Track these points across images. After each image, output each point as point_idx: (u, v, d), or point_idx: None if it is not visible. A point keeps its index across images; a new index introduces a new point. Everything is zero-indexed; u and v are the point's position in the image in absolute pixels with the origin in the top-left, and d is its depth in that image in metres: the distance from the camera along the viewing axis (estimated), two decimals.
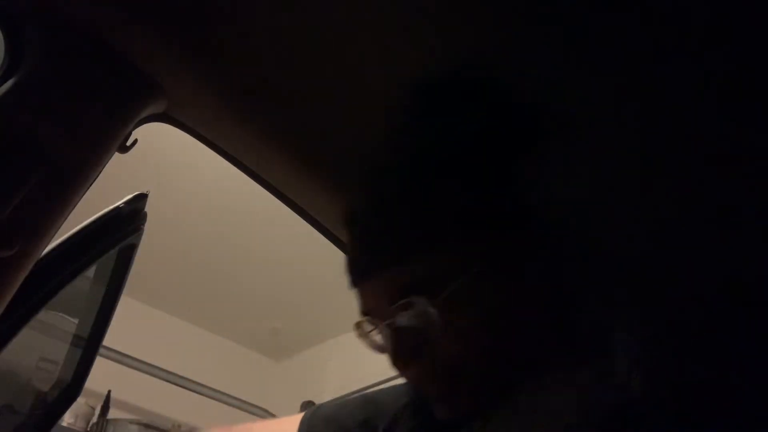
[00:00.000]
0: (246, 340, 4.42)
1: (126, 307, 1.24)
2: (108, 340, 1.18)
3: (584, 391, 0.53)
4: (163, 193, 2.87)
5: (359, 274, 0.61)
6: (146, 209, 0.96)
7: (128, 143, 0.72)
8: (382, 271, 0.58)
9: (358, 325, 0.62)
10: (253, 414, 3.82)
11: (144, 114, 0.71)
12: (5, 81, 0.62)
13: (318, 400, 3.69)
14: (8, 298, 0.61)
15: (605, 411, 0.51)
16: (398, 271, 0.57)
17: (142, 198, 0.94)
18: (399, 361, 0.58)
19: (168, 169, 2.91)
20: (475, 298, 0.56)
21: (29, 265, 0.63)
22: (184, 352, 4.01)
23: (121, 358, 3.35)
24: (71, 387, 1.08)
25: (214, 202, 3.11)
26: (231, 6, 0.60)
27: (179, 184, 3.02)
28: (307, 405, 3.61)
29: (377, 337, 0.61)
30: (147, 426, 3.27)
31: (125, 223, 0.93)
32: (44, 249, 0.65)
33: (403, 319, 0.57)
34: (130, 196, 0.93)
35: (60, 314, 1.08)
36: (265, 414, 3.78)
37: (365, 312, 0.61)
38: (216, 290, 3.87)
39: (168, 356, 3.71)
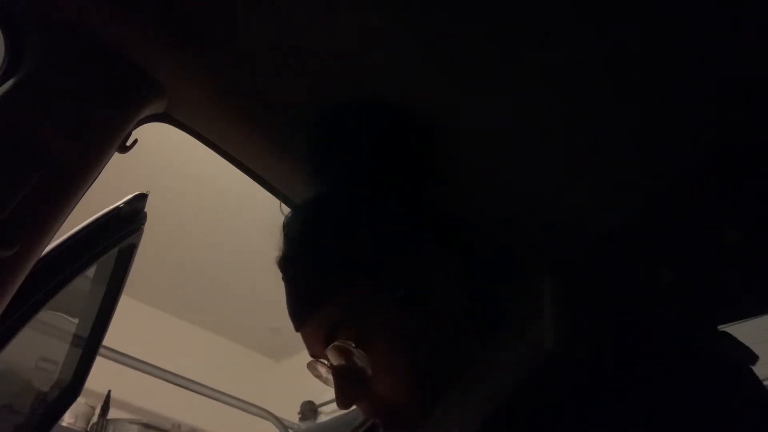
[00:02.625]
0: (246, 340, 4.43)
1: (126, 307, 1.24)
2: (108, 340, 1.18)
3: (512, 362, 0.58)
4: (163, 193, 2.87)
5: (295, 320, 0.64)
6: (146, 209, 0.96)
7: (128, 143, 0.72)
8: (313, 315, 0.61)
9: (310, 367, 0.65)
10: (253, 414, 3.82)
11: (144, 114, 0.71)
12: (5, 81, 0.62)
13: (318, 400, 3.69)
14: (8, 298, 0.61)
15: (528, 369, 0.56)
16: (327, 313, 0.60)
17: (142, 198, 0.94)
18: (341, 400, 0.61)
19: (168, 169, 2.91)
20: (398, 330, 0.59)
21: (29, 265, 0.62)
22: (184, 352, 4.01)
23: (121, 358, 3.35)
24: (71, 387, 1.08)
25: (214, 202, 3.11)
26: (231, 7, 0.60)
27: (179, 184, 3.02)
28: (307, 405, 3.61)
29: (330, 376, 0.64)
30: (147, 426, 3.28)
31: (125, 223, 0.93)
32: (44, 249, 0.65)
33: (337, 360, 0.60)
34: (130, 196, 0.94)
35: (60, 314, 1.08)
36: (265, 414, 3.77)
37: (312, 355, 0.64)
38: (216, 290, 3.87)
39: (168, 356, 3.71)
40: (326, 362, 0.61)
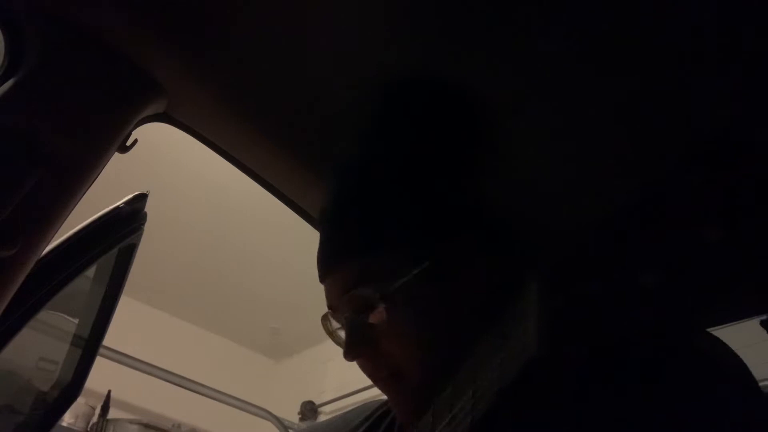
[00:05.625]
0: (246, 340, 4.43)
1: (126, 307, 1.24)
2: (108, 340, 1.18)
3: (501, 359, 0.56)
4: (163, 193, 2.87)
5: (322, 268, 0.65)
6: (146, 209, 0.96)
7: (128, 143, 0.72)
8: (339, 265, 0.62)
9: (324, 320, 0.65)
10: (253, 414, 3.82)
11: (144, 114, 0.71)
12: (5, 81, 0.62)
13: (318, 400, 3.68)
14: (8, 297, 0.61)
15: (514, 371, 0.54)
16: (353, 265, 0.61)
17: (142, 198, 0.94)
18: (348, 349, 0.61)
19: (168, 169, 2.91)
20: (417, 297, 0.60)
21: (30, 265, 0.63)
22: (184, 352, 4.01)
23: (121, 358, 3.34)
24: (71, 387, 1.08)
25: (214, 202, 3.11)
26: (231, 7, 0.60)
27: (179, 184, 3.02)
28: (307, 405, 3.61)
29: (341, 333, 0.64)
30: (147, 426, 3.28)
31: (125, 223, 0.93)
32: (44, 249, 0.65)
33: (353, 310, 0.61)
34: (130, 196, 0.94)
35: (60, 314, 1.08)
36: (265, 414, 3.77)
37: (330, 306, 0.64)
38: (216, 290, 3.87)
39: (168, 356, 3.70)
40: (342, 315, 0.62)
